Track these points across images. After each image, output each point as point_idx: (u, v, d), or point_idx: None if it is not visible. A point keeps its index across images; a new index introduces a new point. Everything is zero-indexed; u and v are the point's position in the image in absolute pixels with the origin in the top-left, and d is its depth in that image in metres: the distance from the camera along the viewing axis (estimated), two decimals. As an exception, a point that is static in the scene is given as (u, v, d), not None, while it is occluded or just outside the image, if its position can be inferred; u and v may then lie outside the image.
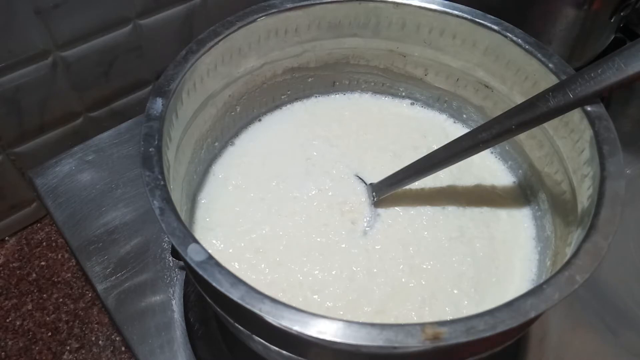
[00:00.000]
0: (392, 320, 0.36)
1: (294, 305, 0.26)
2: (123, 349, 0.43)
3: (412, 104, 0.50)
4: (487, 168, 0.46)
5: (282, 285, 0.38)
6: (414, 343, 0.25)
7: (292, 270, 0.39)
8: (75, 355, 0.43)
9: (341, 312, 0.37)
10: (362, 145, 0.47)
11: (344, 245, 0.40)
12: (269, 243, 0.40)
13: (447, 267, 0.39)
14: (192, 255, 0.28)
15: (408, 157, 0.45)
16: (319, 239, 0.40)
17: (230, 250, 0.40)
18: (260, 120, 0.48)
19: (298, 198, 0.43)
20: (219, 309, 0.32)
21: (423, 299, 0.37)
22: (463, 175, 0.45)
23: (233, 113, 0.45)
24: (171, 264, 0.47)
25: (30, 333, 0.44)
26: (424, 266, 0.39)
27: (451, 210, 0.43)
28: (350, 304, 0.37)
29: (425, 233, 0.41)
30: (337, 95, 0.51)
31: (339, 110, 0.50)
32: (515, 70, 0.42)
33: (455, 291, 0.38)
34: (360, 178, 0.44)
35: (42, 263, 0.49)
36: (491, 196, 0.44)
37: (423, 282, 0.38)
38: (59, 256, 0.49)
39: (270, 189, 0.43)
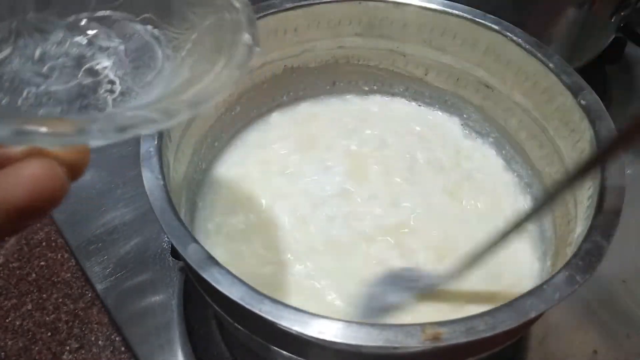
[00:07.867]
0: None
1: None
2: (123, 349, 0.43)
3: (412, 103, 0.50)
4: (488, 168, 0.46)
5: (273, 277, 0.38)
6: (414, 343, 0.25)
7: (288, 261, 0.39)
8: (75, 355, 0.43)
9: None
10: (362, 145, 0.46)
11: (343, 240, 0.40)
12: (263, 236, 0.40)
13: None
14: (192, 255, 0.28)
15: (408, 156, 0.45)
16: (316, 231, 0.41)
17: (225, 241, 0.40)
18: (260, 119, 0.48)
19: (297, 196, 0.43)
20: (219, 309, 0.32)
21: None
22: (463, 175, 0.45)
23: (233, 113, 0.45)
24: (171, 264, 0.47)
25: (30, 333, 0.44)
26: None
27: (451, 211, 0.43)
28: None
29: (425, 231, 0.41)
30: (338, 95, 0.50)
31: (339, 109, 0.50)
32: (515, 70, 0.42)
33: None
34: None
35: (42, 263, 0.49)
36: (491, 196, 0.44)
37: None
38: (59, 256, 0.49)
39: (270, 187, 0.43)
